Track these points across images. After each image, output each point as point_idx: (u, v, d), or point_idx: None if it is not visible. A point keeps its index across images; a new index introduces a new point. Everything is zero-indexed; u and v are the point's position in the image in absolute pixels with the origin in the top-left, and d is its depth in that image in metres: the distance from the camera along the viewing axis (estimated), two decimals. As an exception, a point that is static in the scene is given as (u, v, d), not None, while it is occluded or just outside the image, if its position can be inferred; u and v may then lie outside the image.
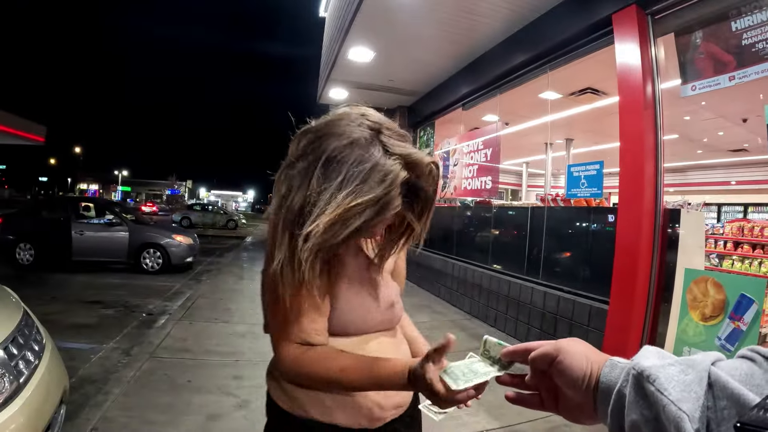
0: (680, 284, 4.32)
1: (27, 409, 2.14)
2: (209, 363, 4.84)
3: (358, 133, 1.05)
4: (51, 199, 15.68)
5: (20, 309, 2.79)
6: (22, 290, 3.20)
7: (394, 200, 1.05)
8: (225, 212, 34.32)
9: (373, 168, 1.02)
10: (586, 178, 5.45)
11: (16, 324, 2.52)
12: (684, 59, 4.39)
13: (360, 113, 1.12)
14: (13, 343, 2.36)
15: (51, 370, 2.56)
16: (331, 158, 1.03)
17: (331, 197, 1.00)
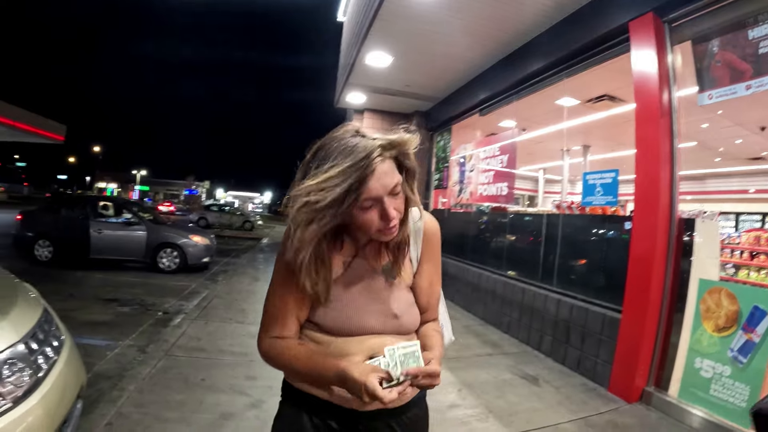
0: (694, 294, 4.32)
1: (45, 402, 2.19)
2: (223, 362, 4.89)
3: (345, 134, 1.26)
4: (70, 198, 15.86)
5: (40, 305, 2.84)
6: (40, 286, 3.26)
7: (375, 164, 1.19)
8: (242, 213, 34.51)
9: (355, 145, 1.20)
10: (601, 186, 5.44)
11: (36, 320, 2.57)
12: (701, 67, 4.37)
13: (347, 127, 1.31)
14: (34, 338, 2.42)
15: (69, 366, 2.61)
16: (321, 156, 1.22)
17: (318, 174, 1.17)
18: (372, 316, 1.35)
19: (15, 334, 2.28)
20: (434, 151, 11.75)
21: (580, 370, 5.25)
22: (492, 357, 5.75)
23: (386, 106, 12.17)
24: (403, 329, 1.41)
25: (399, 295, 1.41)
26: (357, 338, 1.33)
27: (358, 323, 1.34)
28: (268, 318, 1.39)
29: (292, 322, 1.38)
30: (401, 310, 1.40)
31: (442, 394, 4.42)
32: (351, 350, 1.30)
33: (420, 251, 1.48)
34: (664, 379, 4.48)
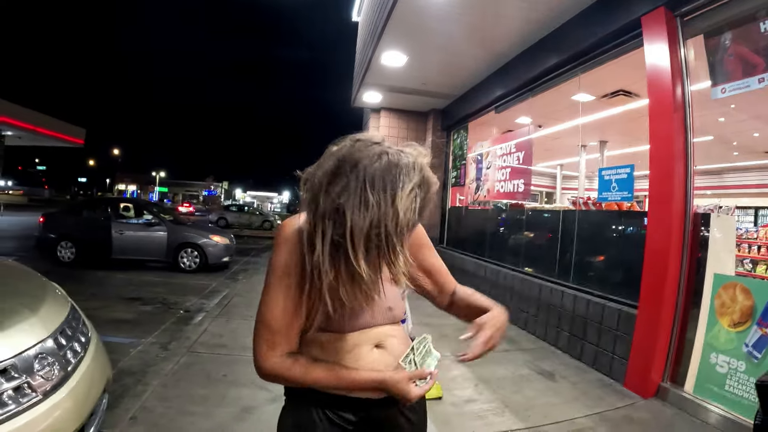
0: (709, 289, 4.30)
1: (73, 395, 2.28)
2: (244, 359, 4.96)
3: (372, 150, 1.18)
4: (91, 200, 16.09)
5: (68, 303, 2.94)
6: (64, 286, 3.36)
7: (431, 176, 1.24)
8: (261, 213, 34.72)
9: (406, 164, 1.17)
10: (617, 182, 5.44)
11: (64, 317, 2.67)
12: (713, 61, 4.35)
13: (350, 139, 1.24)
14: (62, 334, 2.51)
15: (96, 361, 2.70)
16: (367, 176, 1.14)
17: (381, 201, 1.13)
18: (371, 312, 1.40)
19: (44, 330, 2.37)
20: (451, 148, 11.77)
21: (597, 365, 5.27)
22: (509, 353, 5.78)
23: (402, 104, 12.19)
24: (396, 319, 1.48)
25: (390, 289, 1.44)
26: (359, 332, 1.39)
27: (363, 320, 1.39)
28: (272, 333, 1.33)
29: (296, 334, 1.37)
30: (394, 303, 1.46)
31: (460, 389, 4.47)
32: (359, 342, 1.38)
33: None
34: (679, 375, 4.47)
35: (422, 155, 1.23)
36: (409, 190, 1.14)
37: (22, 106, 25.07)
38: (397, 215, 1.12)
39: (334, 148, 1.23)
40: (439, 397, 4.20)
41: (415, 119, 12.67)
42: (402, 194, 1.12)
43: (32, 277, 3.23)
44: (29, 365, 2.14)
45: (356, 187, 1.12)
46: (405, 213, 1.13)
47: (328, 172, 1.16)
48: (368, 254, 1.15)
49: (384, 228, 1.12)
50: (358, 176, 1.13)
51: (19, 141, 28.94)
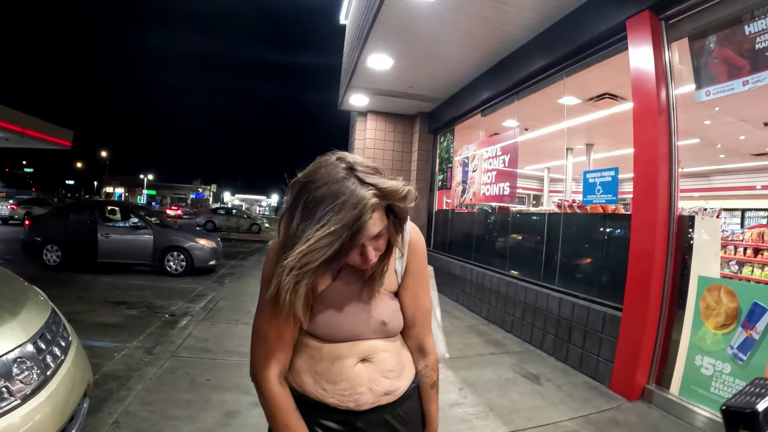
0: (694, 292, 4.33)
1: (52, 400, 2.26)
2: (229, 363, 4.96)
3: (334, 174, 1.18)
4: (77, 203, 16.03)
5: (48, 307, 2.92)
6: (50, 290, 3.35)
7: (365, 223, 1.16)
8: (249, 216, 34.58)
9: (347, 199, 1.14)
10: (601, 185, 5.47)
11: (44, 321, 2.65)
12: (698, 64, 4.38)
13: (336, 157, 1.24)
14: (42, 338, 2.49)
15: (76, 365, 2.69)
16: (309, 201, 1.17)
17: (308, 231, 1.15)
18: (361, 324, 1.40)
19: (24, 334, 2.36)
20: (438, 152, 11.79)
21: (582, 368, 5.29)
22: (495, 356, 5.79)
23: (390, 108, 12.21)
24: (390, 334, 1.47)
25: (385, 302, 1.45)
26: (348, 344, 1.39)
27: (347, 330, 1.39)
28: (266, 344, 1.38)
29: (289, 344, 1.40)
30: (388, 316, 1.45)
31: (444, 393, 4.45)
32: (343, 354, 1.38)
33: (405, 264, 1.51)
34: (665, 377, 4.49)
35: (386, 191, 1.19)
36: (329, 228, 1.13)
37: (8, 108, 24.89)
38: (303, 246, 1.14)
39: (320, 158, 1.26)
40: (422, 401, 4.19)
41: (402, 122, 12.68)
42: (314, 229, 1.14)
43: (13, 281, 3.20)
44: (8, 369, 2.13)
45: (296, 206, 1.19)
46: (311, 249, 1.14)
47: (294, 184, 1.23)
48: (296, 290, 1.20)
49: (296, 255, 1.15)
50: (306, 197, 1.17)
51: (6, 143, 28.71)
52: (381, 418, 1.42)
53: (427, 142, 12.18)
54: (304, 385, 1.38)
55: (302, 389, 1.39)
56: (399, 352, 1.50)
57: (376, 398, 1.40)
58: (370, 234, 1.20)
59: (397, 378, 1.46)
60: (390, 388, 1.43)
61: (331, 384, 1.36)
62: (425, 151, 12.14)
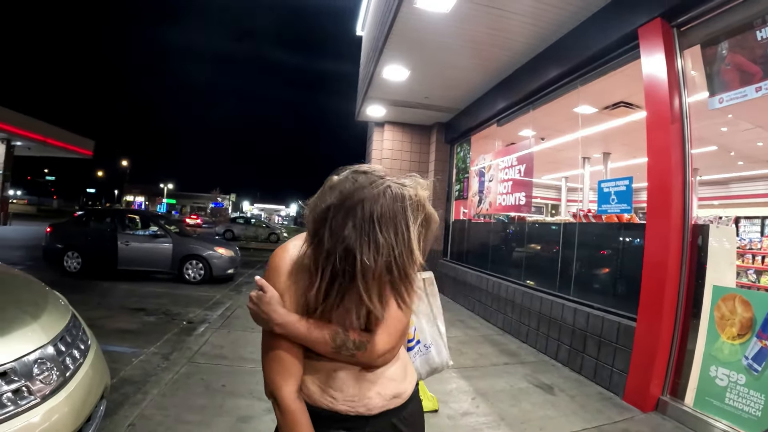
0: (708, 301, 4.29)
1: (70, 400, 2.33)
2: (244, 369, 5.02)
3: (381, 183, 1.24)
4: (98, 211, 16.25)
5: (69, 311, 3.00)
6: (70, 295, 3.43)
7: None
8: (267, 226, 34.75)
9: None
10: (616, 194, 5.46)
11: (64, 325, 2.73)
12: (711, 71, 4.36)
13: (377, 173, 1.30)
14: (62, 341, 2.57)
15: (94, 368, 2.76)
16: (357, 207, 1.19)
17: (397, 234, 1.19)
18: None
19: (45, 336, 2.44)
20: (454, 162, 11.80)
21: (596, 379, 5.27)
22: (509, 366, 5.78)
23: (406, 118, 12.27)
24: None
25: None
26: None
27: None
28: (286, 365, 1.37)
29: (302, 360, 1.40)
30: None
31: (456, 403, 4.48)
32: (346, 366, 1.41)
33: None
34: (679, 388, 4.44)
35: (422, 187, 1.26)
36: (416, 228, 1.18)
37: (32, 117, 25.39)
38: (411, 252, 1.17)
39: (335, 178, 1.28)
40: (435, 410, 4.21)
41: (419, 133, 12.73)
42: (412, 232, 1.17)
43: (35, 285, 3.29)
44: (29, 370, 2.20)
45: (363, 226, 1.16)
46: (417, 249, 1.19)
47: (331, 206, 1.21)
48: (380, 291, 1.21)
49: (400, 267, 1.17)
50: (365, 215, 1.16)
51: (28, 151, 29.33)
52: (388, 422, 1.45)
53: (443, 152, 12.21)
54: (312, 395, 1.40)
55: (310, 399, 1.40)
56: (400, 356, 1.54)
57: (385, 402, 1.43)
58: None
59: (403, 381, 1.51)
60: (397, 390, 1.48)
61: (339, 392, 1.40)
62: (442, 161, 12.16)
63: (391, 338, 1.41)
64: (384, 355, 1.41)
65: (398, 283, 1.20)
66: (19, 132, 24.30)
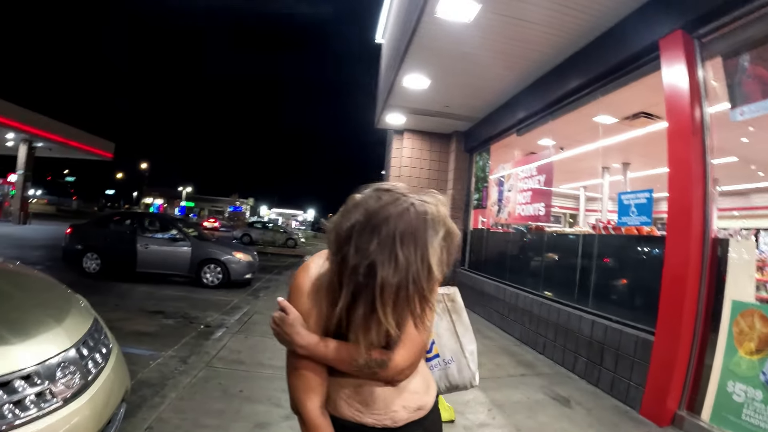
0: (727, 316, 4.22)
1: (92, 403, 2.37)
2: (261, 375, 5.04)
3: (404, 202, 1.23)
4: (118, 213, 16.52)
5: (91, 315, 3.05)
6: (88, 297, 3.46)
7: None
8: (285, 231, 34.89)
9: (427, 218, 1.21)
10: (636, 206, 5.43)
11: (87, 328, 2.77)
12: (732, 83, 4.32)
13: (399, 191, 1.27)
14: (85, 345, 2.61)
15: (116, 372, 2.80)
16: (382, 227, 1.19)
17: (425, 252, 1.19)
18: None
19: (68, 340, 2.48)
20: (474, 170, 11.79)
21: (613, 392, 5.23)
22: (525, 377, 5.76)
23: (426, 126, 12.28)
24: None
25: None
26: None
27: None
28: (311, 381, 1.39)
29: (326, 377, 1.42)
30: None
31: (473, 414, 4.47)
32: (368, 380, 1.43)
33: None
34: (696, 403, 4.39)
35: (442, 204, 1.26)
36: (437, 244, 1.18)
37: (53, 119, 25.77)
38: (429, 270, 1.17)
39: (357, 197, 1.28)
40: (451, 421, 4.20)
41: (438, 141, 12.72)
42: (431, 248, 1.17)
43: (59, 289, 3.34)
44: (52, 373, 2.24)
45: (386, 243, 1.16)
46: (437, 267, 1.18)
47: (356, 225, 1.21)
48: (396, 308, 1.20)
49: (415, 283, 1.17)
50: (389, 232, 1.17)
51: (49, 153, 29.79)
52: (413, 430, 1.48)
53: (462, 160, 12.19)
54: (339, 408, 1.42)
55: (337, 412, 1.42)
56: (421, 370, 1.56)
57: (410, 414, 1.46)
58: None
59: (425, 393, 1.54)
60: (421, 403, 1.51)
61: (365, 405, 1.42)
62: (461, 169, 12.15)
63: (410, 355, 1.43)
64: (404, 371, 1.43)
65: (414, 300, 1.20)
66: (41, 133, 24.72)
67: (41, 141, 25.97)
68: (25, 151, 26.30)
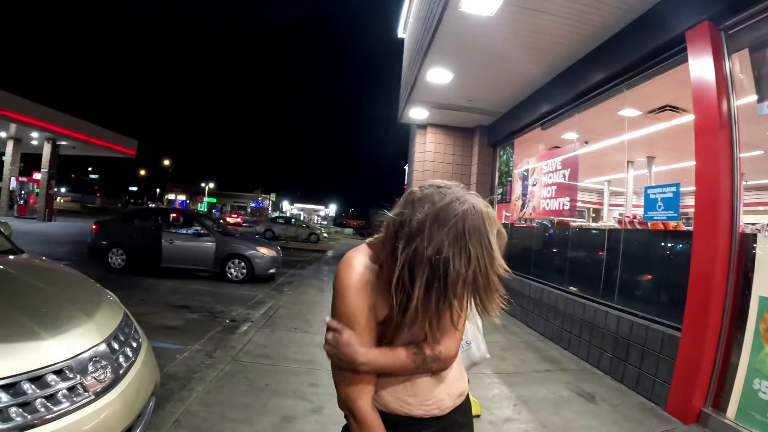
0: (755, 313, 4.14)
1: (123, 398, 2.40)
2: (287, 369, 5.08)
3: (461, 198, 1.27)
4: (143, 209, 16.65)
5: (121, 310, 3.10)
6: (114, 292, 3.52)
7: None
8: (307, 226, 35.05)
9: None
10: (662, 201, 5.36)
11: (117, 323, 2.82)
12: (759, 75, 4.23)
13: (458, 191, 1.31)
14: (115, 339, 2.66)
15: (145, 366, 2.84)
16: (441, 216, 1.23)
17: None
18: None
19: (99, 335, 2.52)
20: (497, 165, 11.72)
21: (639, 388, 5.17)
22: (550, 373, 5.72)
23: (449, 121, 12.23)
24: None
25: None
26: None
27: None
28: (360, 377, 1.38)
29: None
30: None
31: (499, 409, 4.46)
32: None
33: None
34: (722, 401, 4.31)
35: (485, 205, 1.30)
36: (495, 239, 1.25)
37: (77, 118, 26.15)
38: (493, 260, 1.23)
39: (418, 192, 1.32)
40: (477, 415, 4.20)
41: (461, 135, 12.67)
42: (493, 244, 1.24)
43: (88, 283, 3.39)
44: (84, 367, 2.27)
45: (458, 238, 1.20)
46: (498, 259, 1.25)
47: (427, 218, 1.23)
48: (466, 298, 1.28)
49: (485, 273, 1.22)
50: (458, 227, 1.21)
51: (73, 150, 30.27)
52: (453, 418, 1.53)
53: (486, 155, 12.13)
54: (388, 404, 1.44)
55: (386, 408, 1.44)
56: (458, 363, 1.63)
57: (454, 401, 1.52)
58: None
59: (462, 379, 1.61)
60: (462, 389, 1.58)
61: (414, 397, 1.45)
62: (485, 164, 12.09)
63: (454, 343, 1.49)
64: (452, 359, 1.50)
65: (482, 290, 1.25)
66: (65, 132, 25.14)
67: (65, 139, 26.38)
68: (49, 150, 26.74)
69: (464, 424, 1.59)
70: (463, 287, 1.22)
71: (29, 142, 27.79)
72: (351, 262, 1.41)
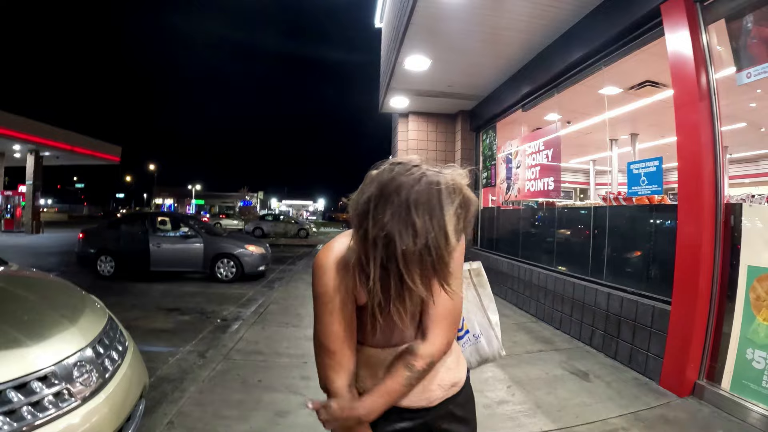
0: (744, 282, 4.17)
1: (110, 401, 2.39)
2: (279, 364, 5.07)
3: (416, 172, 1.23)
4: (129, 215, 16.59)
5: (105, 315, 3.08)
6: (105, 299, 3.50)
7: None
8: (296, 222, 35.03)
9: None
10: (646, 175, 5.37)
11: (102, 327, 2.80)
12: (737, 45, 4.23)
13: (412, 164, 1.27)
14: (100, 343, 2.64)
15: (132, 369, 2.82)
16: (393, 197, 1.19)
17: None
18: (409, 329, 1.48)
19: (83, 339, 2.50)
20: (481, 149, 11.71)
21: (632, 364, 5.20)
22: (543, 353, 5.74)
23: (430, 108, 12.19)
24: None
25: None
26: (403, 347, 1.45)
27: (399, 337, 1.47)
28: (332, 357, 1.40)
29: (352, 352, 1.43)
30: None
31: (492, 391, 4.48)
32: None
33: None
34: (716, 372, 4.34)
35: (460, 176, 1.25)
36: (452, 212, 1.18)
37: (58, 127, 25.94)
38: (446, 237, 1.17)
39: (373, 172, 1.29)
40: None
41: (443, 122, 12.63)
42: (447, 215, 1.17)
43: (72, 290, 3.37)
44: (69, 372, 2.26)
45: (401, 211, 1.16)
46: (453, 234, 1.18)
47: (371, 197, 1.21)
48: (423, 274, 1.20)
49: (434, 249, 1.16)
50: (401, 201, 1.17)
51: (56, 161, 30.01)
52: (447, 409, 1.52)
53: (469, 140, 12.11)
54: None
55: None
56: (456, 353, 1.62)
57: (444, 392, 1.51)
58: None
59: (457, 369, 1.58)
60: (454, 379, 1.55)
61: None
62: (468, 149, 12.07)
63: (446, 333, 1.46)
64: (443, 351, 1.46)
65: (436, 266, 1.20)
66: (47, 142, 24.91)
67: (47, 150, 26.12)
68: (33, 161, 26.46)
69: (462, 417, 1.58)
70: (420, 264, 1.18)
71: (12, 155, 27.55)
72: (331, 244, 1.43)
